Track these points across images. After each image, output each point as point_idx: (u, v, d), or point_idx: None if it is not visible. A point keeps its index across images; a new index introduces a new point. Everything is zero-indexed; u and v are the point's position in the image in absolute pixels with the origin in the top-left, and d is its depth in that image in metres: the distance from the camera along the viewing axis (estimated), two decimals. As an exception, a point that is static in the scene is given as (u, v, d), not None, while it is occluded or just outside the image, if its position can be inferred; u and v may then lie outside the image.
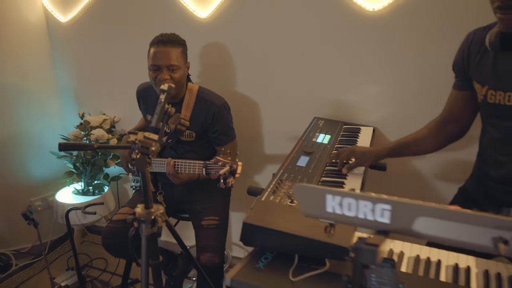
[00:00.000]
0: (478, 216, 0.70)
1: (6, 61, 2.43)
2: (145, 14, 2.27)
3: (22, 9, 2.42)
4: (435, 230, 0.74)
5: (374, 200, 0.76)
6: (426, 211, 0.74)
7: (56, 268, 2.54)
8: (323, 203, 0.81)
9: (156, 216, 1.06)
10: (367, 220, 0.78)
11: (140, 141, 0.98)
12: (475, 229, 0.71)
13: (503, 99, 1.20)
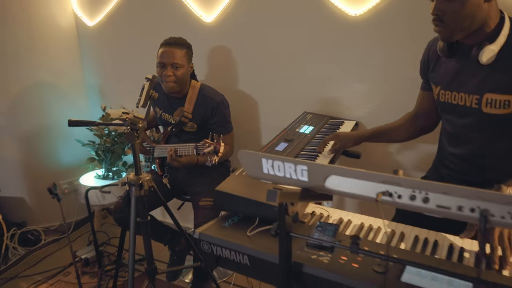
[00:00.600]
0: (368, 173, 0.90)
1: (42, 62, 2.78)
2: (159, 19, 2.55)
3: (55, 15, 2.77)
4: (340, 186, 0.95)
5: (295, 162, 0.97)
6: (334, 170, 0.95)
7: (79, 244, 2.85)
8: (260, 166, 1.03)
9: (143, 181, 1.31)
10: (292, 179, 1.00)
11: (130, 119, 1.24)
12: (367, 184, 0.91)
13: (451, 98, 1.38)
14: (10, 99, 2.75)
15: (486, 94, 1.27)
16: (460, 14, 1.20)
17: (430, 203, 0.87)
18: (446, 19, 1.22)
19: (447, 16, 1.22)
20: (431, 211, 0.87)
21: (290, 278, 1.07)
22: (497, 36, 1.22)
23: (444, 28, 1.25)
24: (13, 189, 2.92)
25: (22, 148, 2.85)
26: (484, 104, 1.29)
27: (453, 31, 1.24)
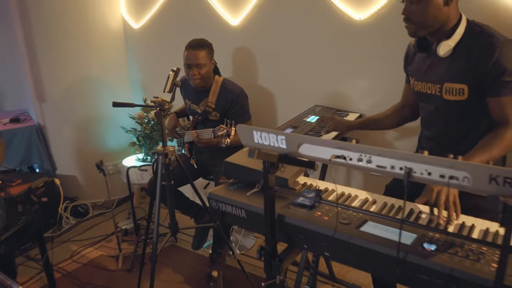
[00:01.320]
0: (329, 141, 1.19)
1: (93, 59, 3.23)
2: (193, 23, 2.92)
3: (106, 19, 3.21)
4: (309, 151, 1.24)
5: (276, 133, 1.28)
6: (305, 139, 1.24)
7: (120, 217, 3.28)
8: (252, 137, 1.35)
9: (168, 151, 1.66)
10: (274, 146, 1.30)
11: (159, 101, 1.59)
12: (328, 150, 1.20)
13: (422, 87, 1.63)
14: (67, 90, 3.22)
15: (446, 83, 1.52)
16: (423, 15, 1.45)
17: (372, 163, 1.14)
18: (413, 18, 1.49)
19: (413, 16, 1.48)
20: (373, 170, 1.15)
21: (273, 226, 1.37)
22: (454, 34, 1.47)
23: (411, 25, 1.51)
24: (67, 168, 3.41)
25: (76, 133, 3.32)
26: (444, 92, 1.53)
27: (418, 28, 1.50)
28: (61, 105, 3.26)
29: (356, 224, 1.32)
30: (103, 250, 2.89)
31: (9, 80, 4.00)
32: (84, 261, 2.77)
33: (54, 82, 3.22)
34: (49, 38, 3.11)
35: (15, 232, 2.04)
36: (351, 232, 1.28)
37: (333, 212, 1.40)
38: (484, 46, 1.43)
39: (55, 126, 3.35)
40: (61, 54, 3.15)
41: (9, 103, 4.14)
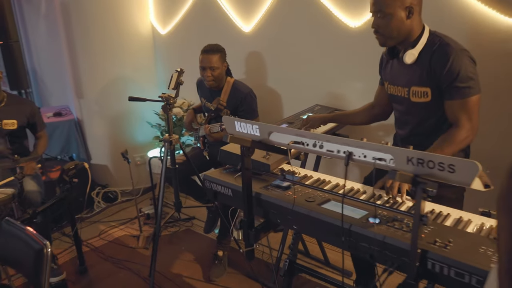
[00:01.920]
0: (290, 129, 1.44)
1: (126, 60, 3.61)
2: (211, 30, 3.23)
3: (137, 25, 3.59)
4: (277, 138, 1.50)
5: (251, 123, 1.54)
6: (273, 128, 1.50)
7: (144, 203, 3.64)
8: (234, 126, 1.62)
9: (173, 140, 1.96)
10: (251, 134, 1.56)
11: (165, 97, 1.90)
12: (290, 137, 1.45)
13: (394, 90, 1.84)
14: (102, 89, 3.62)
15: (412, 86, 1.72)
16: (389, 28, 1.67)
17: (323, 148, 1.39)
18: (381, 31, 1.70)
19: (381, 29, 1.69)
20: (325, 154, 1.39)
21: (251, 201, 1.64)
22: (417, 43, 1.68)
23: (379, 37, 1.72)
24: (100, 158, 3.81)
25: (108, 127, 3.72)
26: (411, 94, 1.73)
27: (386, 39, 1.71)
28: (96, 102, 3.67)
29: (319, 202, 1.56)
30: (127, 230, 3.25)
31: (55, 79, 4.49)
32: (110, 239, 3.14)
33: (91, 81, 3.63)
34: (88, 43, 3.53)
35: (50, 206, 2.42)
36: (312, 208, 1.53)
37: (303, 192, 1.65)
38: (441, 54, 1.63)
39: (90, 120, 3.77)
40: (98, 56, 3.56)
41: (54, 100, 4.63)
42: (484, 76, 1.76)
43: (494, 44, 2.05)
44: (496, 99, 2.09)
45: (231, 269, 2.68)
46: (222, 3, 3.10)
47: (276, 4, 2.81)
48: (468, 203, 2.15)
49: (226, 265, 2.69)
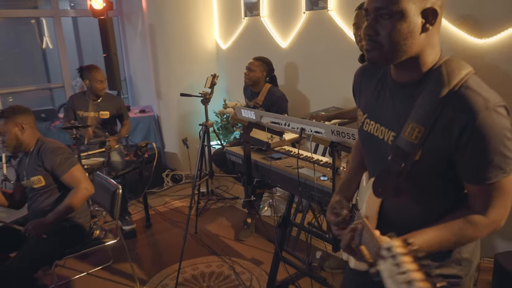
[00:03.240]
0: (269, 113, 2.13)
1: (194, 69, 4.52)
2: (258, 44, 3.99)
3: (205, 41, 4.49)
4: (264, 120, 2.19)
5: (250, 109, 2.26)
6: (263, 113, 2.20)
7: (202, 185, 4.48)
8: (241, 112, 2.34)
9: (208, 124, 2.74)
10: (250, 118, 2.28)
11: (203, 93, 2.68)
12: (268, 119, 2.14)
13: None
14: (175, 92, 4.55)
15: None
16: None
17: (289, 126, 2.05)
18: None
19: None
20: (291, 130, 2.05)
21: (250, 165, 2.34)
22: None
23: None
24: (172, 147, 4.76)
25: (179, 122, 4.66)
26: None
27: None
28: (171, 102, 4.63)
29: (294, 167, 2.21)
30: (185, 203, 4.11)
31: (143, 85, 5.60)
32: (171, 207, 4.02)
33: (168, 86, 4.60)
34: (166, 56, 4.50)
35: (126, 172, 3.34)
36: (285, 169, 2.19)
37: (288, 162, 2.31)
38: None
39: (166, 117, 4.75)
40: (174, 66, 4.52)
41: (142, 100, 5.75)
42: None
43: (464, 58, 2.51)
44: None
45: (257, 234, 3.38)
46: (266, 24, 3.86)
47: (305, 26, 3.49)
48: None
49: (253, 230, 3.39)
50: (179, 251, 2.84)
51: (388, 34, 1.02)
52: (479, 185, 1.03)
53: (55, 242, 2.36)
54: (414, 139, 1.04)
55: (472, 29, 2.44)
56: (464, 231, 1.04)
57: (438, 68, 1.06)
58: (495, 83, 2.36)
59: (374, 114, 1.21)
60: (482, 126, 0.97)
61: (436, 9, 1.01)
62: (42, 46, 9.20)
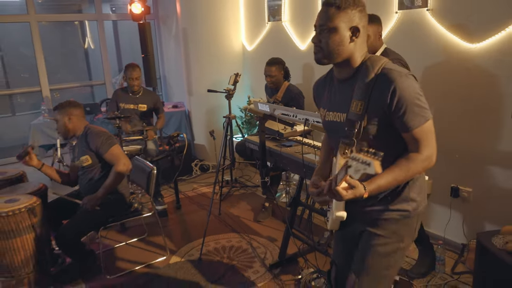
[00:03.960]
0: (279, 106, 2.53)
1: (222, 69, 4.95)
2: (277, 47, 4.38)
3: (232, 43, 4.92)
4: (277, 112, 2.59)
5: (265, 103, 2.66)
6: (275, 107, 2.60)
7: (226, 173, 4.92)
8: (258, 106, 2.75)
9: (230, 117, 3.16)
10: (265, 110, 2.68)
11: (227, 89, 3.10)
12: (279, 111, 2.54)
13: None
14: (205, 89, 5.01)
15: None
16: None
17: (297, 117, 2.44)
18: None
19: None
20: (298, 121, 2.43)
21: (264, 152, 2.74)
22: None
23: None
24: (200, 139, 5.23)
25: (207, 117, 5.11)
26: None
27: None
28: (201, 98, 5.09)
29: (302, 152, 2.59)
30: (211, 189, 4.54)
31: (176, 82, 6.11)
32: (199, 193, 4.48)
33: (198, 84, 5.06)
34: (197, 57, 4.97)
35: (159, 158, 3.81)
36: (295, 155, 2.58)
37: (297, 149, 2.69)
38: None
39: (196, 111, 5.21)
40: (203, 66, 4.97)
41: (175, 97, 6.27)
42: (452, 84, 2.62)
43: (457, 61, 2.81)
44: (460, 101, 2.84)
45: (273, 217, 3.77)
46: (287, 28, 4.24)
47: (323, 29, 3.85)
48: (440, 180, 2.95)
49: (270, 213, 3.78)
50: (204, 228, 3.27)
51: (326, 42, 1.48)
52: (409, 132, 1.43)
53: (101, 211, 2.85)
54: (358, 111, 1.47)
55: (465, 34, 2.74)
56: (407, 167, 1.44)
57: (365, 63, 1.50)
58: (484, 83, 2.66)
59: (330, 106, 1.64)
60: (400, 87, 1.39)
61: (359, 27, 1.47)
62: (84, 47, 9.95)
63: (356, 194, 1.36)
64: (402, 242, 1.60)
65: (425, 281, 2.71)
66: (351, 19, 1.46)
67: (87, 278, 2.93)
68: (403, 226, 1.59)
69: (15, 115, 8.82)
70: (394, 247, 1.60)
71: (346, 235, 1.74)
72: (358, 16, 1.47)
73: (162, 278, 2.91)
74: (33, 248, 2.52)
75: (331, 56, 1.49)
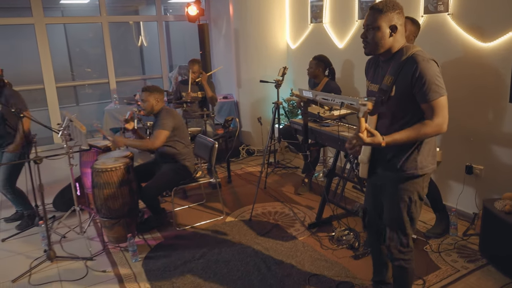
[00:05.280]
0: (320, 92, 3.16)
1: (268, 65, 5.60)
2: (320, 45, 4.98)
3: (277, 42, 5.57)
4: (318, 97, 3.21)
5: (309, 91, 3.29)
6: (317, 93, 3.23)
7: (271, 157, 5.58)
8: (302, 93, 3.38)
9: (277, 103, 3.80)
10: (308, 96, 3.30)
11: (276, 80, 3.75)
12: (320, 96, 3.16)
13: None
14: (252, 82, 5.69)
15: None
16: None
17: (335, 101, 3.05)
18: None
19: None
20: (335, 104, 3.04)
21: (307, 130, 3.37)
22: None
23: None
24: (247, 126, 5.91)
25: (253, 106, 5.79)
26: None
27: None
28: (248, 90, 5.77)
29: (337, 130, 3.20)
30: (256, 168, 5.22)
31: (224, 76, 6.83)
32: (246, 171, 5.16)
33: (246, 77, 5.75)
34: (247, 53, 5.65)
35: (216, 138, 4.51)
36: (331, 131, 3.19)
37: (334, 127, 3.30)
38: None
39: (244, 102, 5.90)
40: (252, 61, 5.65)
41: (224, 89, 7.00)
42: (467, 77, 3.17)
43: (472, 58, 3.32)
44: (474, 92, 3.35)
45: (312, 192, 4.40)
46: (327, 29, 4.84)
47: (358, 31, 4.42)
48: (456, 159, 3.48)
49: (309, 187, 4.41)
50: (252, 198, 3.94)
51: (372, 38, 2.01)
52: (426, 103, 1.92)
53: (173, 175, 3.58)
54: (388, 83, 2.02)
55: (479, 35, 3.25)
56: (419, 129, 1.93)
57: (401, 49, 2.02)
58: (494, 76, 3.16)
59: (372, 79, 2.21)
60: (422, 69, 1.89)
61: (397, 26, 1.97)
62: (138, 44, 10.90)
63: (375, 141, 1.91)
64: (413, 195, 2.11)
65: (439, 241, 3.24)
66: (391, 19, 1.96)
67: (161, 229, 3.68)
68: (412, 183, 2.09)
69: (79, 105, 9.88)
70: (410, 199, 2.10)
71: (373, 185, 2.31)
72: (396, 17, 1.97)
73: (220, 232, 3.60)
74: (127, 197, 3.28)
75: (376, 48, 2.02)
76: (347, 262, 3.01)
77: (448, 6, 3.42)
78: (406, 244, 2.17)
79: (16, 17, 6.80)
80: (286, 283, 2.79)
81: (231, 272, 2.95)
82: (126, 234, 3.25)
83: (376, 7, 2.00)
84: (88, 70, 10.00)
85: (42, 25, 6.28)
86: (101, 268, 3.10)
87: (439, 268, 2.90)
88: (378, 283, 2.52)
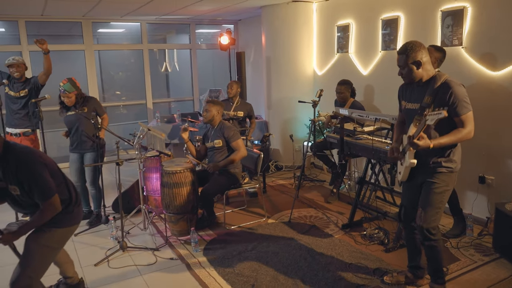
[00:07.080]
0: (355, 110, 3.77)
1: (297, 89, 6.23)
2: (345, 73, 5.62)
3: (305, 69, 6.23)
4: (353, 114, 3.82)
5: (344, 109, 3.90)
6: (352, 111, 3.84)
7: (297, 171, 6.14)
8: (340, 110, 3.98)
9: (314, 120, 4.41)
10: (344, 113, 3.91)
11: (313, 100, 4.37)
12: (355, 114, 3.77)
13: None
14: (281, 104, 6.31)
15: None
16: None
17: (368, 117, 3.65)
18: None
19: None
20: (368, 119, 3.64)
21: (343, 142, 3.95)
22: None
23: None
24: (276, 144, 6.50)
25: (282, 126, 6.39)
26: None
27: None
28: (277, 111, 6.39)
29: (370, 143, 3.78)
30: (286, 181, 5.77)
31: (252, 99, 7.48)
32: (277, 183, 5.72)
33: (276, 99, 6.38)
34: (277, 78, 6.30)
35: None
36: (364, 143, 3.78)
37: (367, 140, 3.88)
38: None
39: (273, 122, 6.52)
40: (281, 85, 6.30)
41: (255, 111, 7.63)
42: (480, 100, 3.74)
43: (484, 84, 3.93)
44: (486, 113, 3.94)
45: (341, 200, 4.94)
46: (352, 58, 5.51)
47: (381, 60, 5.07)
48: (471, 171, 4.04)
49: (337, 196, 4.95)
50: (288, 204, 4.49)
51: (405, 74, 2.66)
52: (459, 117, 2.50)
53: (226, 180, 4.15)
54: (428, 102, 2.56)
55: (489, 65, 3.87)
56: (456, 134, 2.50)
57: (435, 76, 2.62)
58: (503, 99, 3.76)
59: (409, 100, 2.78)
60: (455, 91, 2.49)
61: (421, 61, 2.57)
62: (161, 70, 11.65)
63: (426, 143, 2.43)
64: (448, 186, 2.68)
65: (458, 240, 3.76)
66: (415, 57, 2.57)
67: (212, 228, 4.22)
68: (448, 177, 2.66)
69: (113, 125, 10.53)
70: (443, 189, 2.67)
71: (411, 185, 2.85)
72: (419, 54, 2.56)
73: (264, 231, 4.14)
74: (191, 196, 3.84)
75: (411, 79, 2.65)
76: (380, 254, 3.53)
77: (462, 40, 4.06)
78: (435, 226, 2.71)
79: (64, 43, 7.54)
80: (330, 268, 3.31)
81: (281, 260, 3.48)
82: (188, 228, 3.79)
83: (401, 52, 2.62)
84: (117, 92, 10.71)
85: (91, 51, 7.00)
86: (167, 257, 3.63)
87: (458, 259, 3.41)
88: (413, 268, 3.04)
